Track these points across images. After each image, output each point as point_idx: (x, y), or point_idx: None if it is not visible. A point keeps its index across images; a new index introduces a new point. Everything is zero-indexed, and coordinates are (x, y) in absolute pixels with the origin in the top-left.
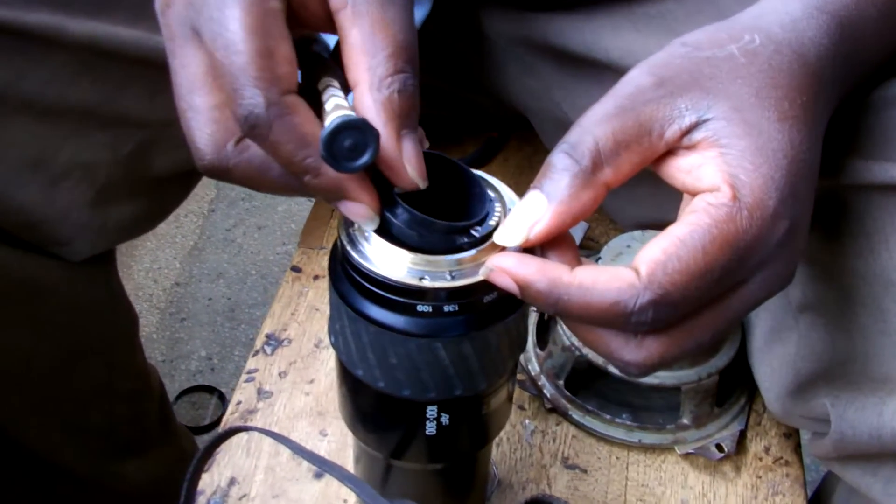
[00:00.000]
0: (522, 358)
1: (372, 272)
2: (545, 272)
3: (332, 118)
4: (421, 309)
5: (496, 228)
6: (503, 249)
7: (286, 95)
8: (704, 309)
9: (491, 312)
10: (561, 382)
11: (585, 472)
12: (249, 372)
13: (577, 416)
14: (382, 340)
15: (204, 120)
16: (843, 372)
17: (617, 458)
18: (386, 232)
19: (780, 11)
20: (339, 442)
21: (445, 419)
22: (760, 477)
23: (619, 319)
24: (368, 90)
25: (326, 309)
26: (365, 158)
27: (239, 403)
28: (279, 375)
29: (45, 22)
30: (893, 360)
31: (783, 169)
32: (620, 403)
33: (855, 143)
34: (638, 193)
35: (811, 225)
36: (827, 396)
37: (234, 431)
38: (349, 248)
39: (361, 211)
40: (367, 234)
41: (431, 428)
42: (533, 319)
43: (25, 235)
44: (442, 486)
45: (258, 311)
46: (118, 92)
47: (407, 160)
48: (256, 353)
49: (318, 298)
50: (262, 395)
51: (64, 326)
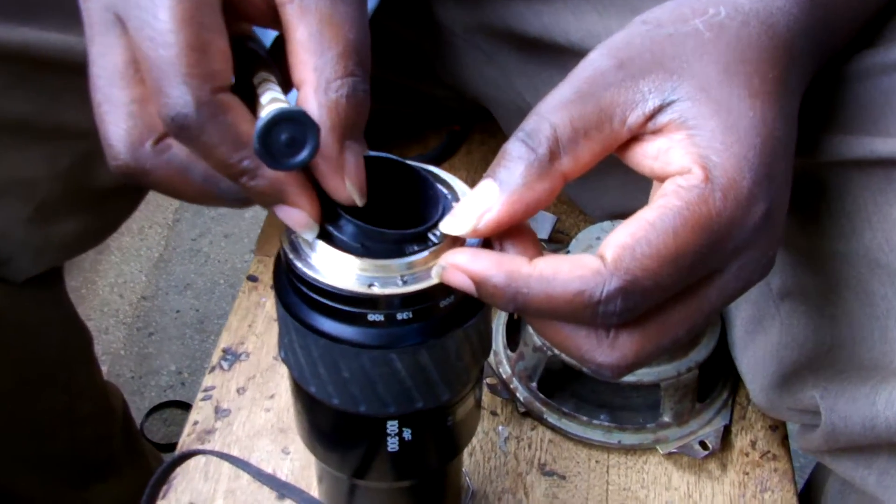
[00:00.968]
0: (493, 360)
1: (317, 281)
2: (501, 265)
3: (267, 110)
4: (372, 318)
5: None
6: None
7: (219, 94)
8: (678, 301)
9: (449, 318)
10: (534, 384)
11: (564, 478)
12: (206, 390)
13: (552, 419)
14: (333, 354)
15: (120, 115)
16: (829, 360)
17: (596, 461)
18: (331, 238)
19: None
20: (302, 460)
21: (408, 434)
22: (748, 473)
23: (585, 311)
24: (314, 92)
25: None
26: (304, 155)
27: (195, 424)
28: (237, 392)
29: None
30: (882, 344)
31: (756, 148)
32: (598, 404)
33: (830, 118)
34: (608, 183)
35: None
36: (815, 388)
37: (187, 456)
38: (292, 256)
39: (300, 218)
40: (311, 240)
41: (393, 444)
42: (502, 320)
43: None
44: (412, 503)
45: None
46: (53, 102)
47: (347, 173)
48: (213, 369)
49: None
50: (219, 413)
51: (12, 351)
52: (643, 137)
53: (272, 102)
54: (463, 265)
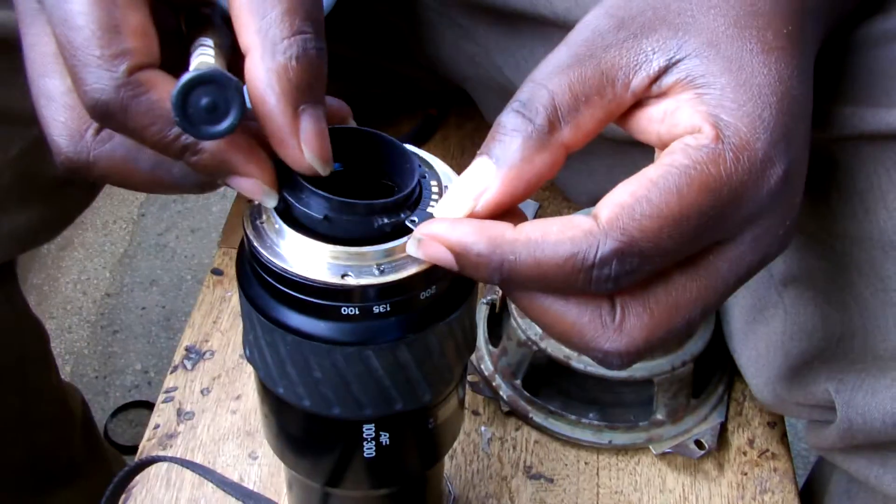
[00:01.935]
0: (474, 356)
1: (285, 271)
2: (484, 231)
3: (186, 76)
4: (346, 312)
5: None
6: None
7: (140, 72)
8: (688, 277)
9: (430, 311)
10: (518, 382)
11: (552, 481)
12: (167, 391)
13: (538, 418)
14: (303, 351)
15: (57, 107)
16: (842, 350)
17: (586, 463)
18: (299, 222)
19: None
20: (271, 465)
21: (386, 438)
22: (746, 474)
23: (577, 276)
24: (260, 58)
25: None
26: (229, 120)
27: (156, 427)
28: (201, 393)
29: None
30: None
31: (772, 107)
32: (586, 401)
33: (839, 88)
34: (593, 165)
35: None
36: (829, 381)
37: (146, 464)
38: (256, 243)
39: (253, 187)
40: (277, 225)
41: (370, 449)
42: (483, 313)
43: None
44: None
45: None
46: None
47: (305, 140)
48: (175, 368)
49: None
50: (182, 416)
51: None
52: (647, 101)
53: (199, 67)
54: (440, 234)
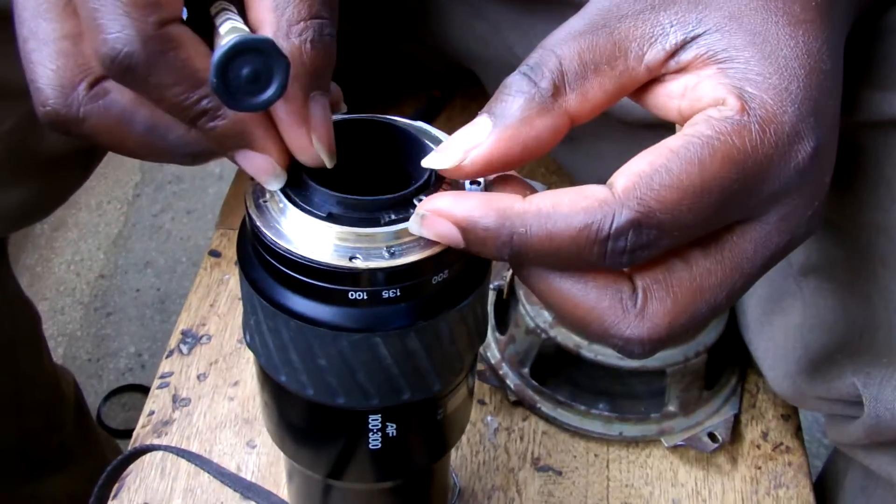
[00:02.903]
0: None
1: (289, 252)
2: (491, 203)
3: (227, 40)
4: (353, 296)
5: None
6: None
7: (168, 26)
8: (711, 259)
9: (442, 296)
10: (526, 371)
11: (560, 473)
12: (163, 376)
13: (546, 408)
14: (308, 338)
15: (49, 53)
16: (866, 344)
17: (595, 455)
18: (304, 202)
19: None
20: (270, 454)
21: (392, 429)
22: (760, 468)
23: (592, 249)
24: (273, 36)
25: None
26: (270, 92)
27: (151, 414)
28: (198, 378)
29: None
30: None
31: (800, 80)
32: (596, 392)
33: (867, 71)
34: (602, 149)
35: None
36: (855, 374)
37: (140, 452)
38: (259, 223)
39: (266, 165)
40: (281, 204)
41: (376, 441)
42: (490, 299)
43: None
44: None
45: None
46: None
47: (314, 129)
48: (171, 353)
49: None
50: (178, 402)
51: None
52: (665, 77)
53: (232, 32)
54: (445, 209)
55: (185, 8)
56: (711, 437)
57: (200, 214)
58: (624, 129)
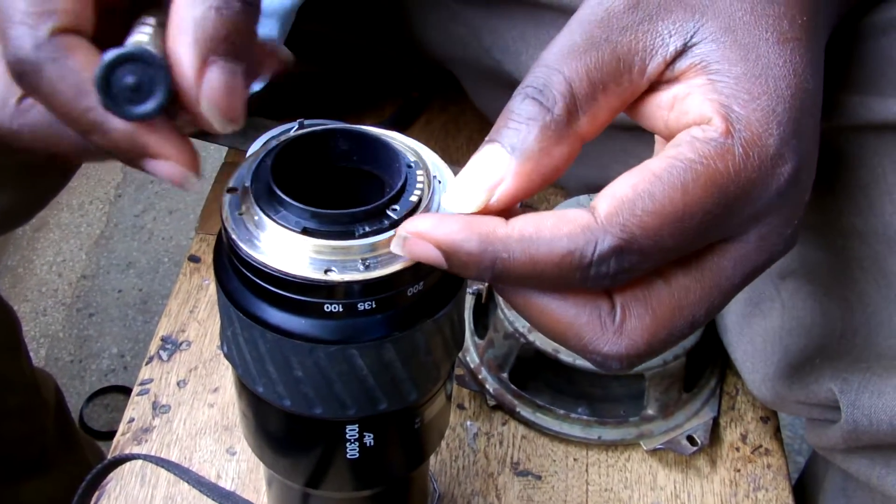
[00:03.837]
0: None
1: (265, 266)
2: (473, 228)
3: (111, 52)
4: (329, 309)
5: (419, 204)
6: None
7: (64, 35)
8: (691, 277)
9: (417, 307)
10: (505, 375)
11: (539, 478)
12: (142, 383)
13: (526, 413)
14: (284, 349)
15: None
16: (844, 348)
17: (575, 459)
18: (279, 215)
19: None
20: (250, 461)
21: (370, 439)
22: (739, 470)
23: (575, 274)
24: (183, 7)
25: None
26: (153, 102)
27: (131, 421)
28: (178, 385)
29: None
30: None
31: (786, 101)
32: (575, 395)
33: (845, 77)
34: (588, 149)
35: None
36: (832, 380)
37: (118, 462)
38: (235, 236)
39: (172, 170)
40: (257, 217)
41: (353, 451)
42: (469, 303)
43: None
44: None
45: None
46: None
47: (205, 92)
48: (150, 359)
49: None
50: (158, 409)
51: None
52: (658, 87)
53: (133, 45)
54: (427, 232)
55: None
56: (690, 440)
57: (182, 214)
58: (606, 130)
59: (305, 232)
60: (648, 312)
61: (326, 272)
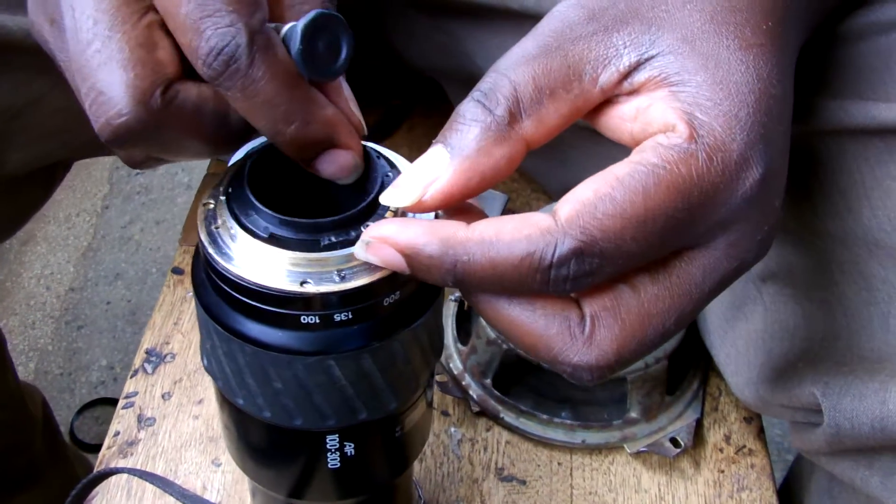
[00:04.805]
0: (442, 355)
1: (241, 279)
2: (435, 232)
3: (301, 23)
4: (306, 320)
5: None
6: None
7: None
8: (660, 285)
9: (395, 317)
10: (488, 381)
11: (524, 483)
12: (128, 396)
13: (509, 418)
14: (262, 362)
15: (125, 62)
16: (826, 352)
17: (559, 463)
18: (253, 225)
19: None
20: (235, 472)
21: (350, 449)
22: (723, 471)
23: (535, 277)
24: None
25: None
26: (344, 54)
27: (116, 435)
28: (162, 398)
29: None
30: (885, 333)
31: (750, 106)
32: (558, 400)
33: (822, 81)
34: (568, 154)
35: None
36: (815, 384)
37: (103, 476)
38: (212, 250)
39: (351, 161)
40: (233, 230)
41: (334, 460)
42: (452, 310)
43: None
44: None
45: None
46: None
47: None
48: (135, 372)
49: None
50: (143, 422)
51: None
52: (618, 99)
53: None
54: (389, 236)
55: None
56: (674, 442)
57: (170, 225)
58: (588, 134)
59: (273, 238)
60: (618, 322)
61: (302, 284)
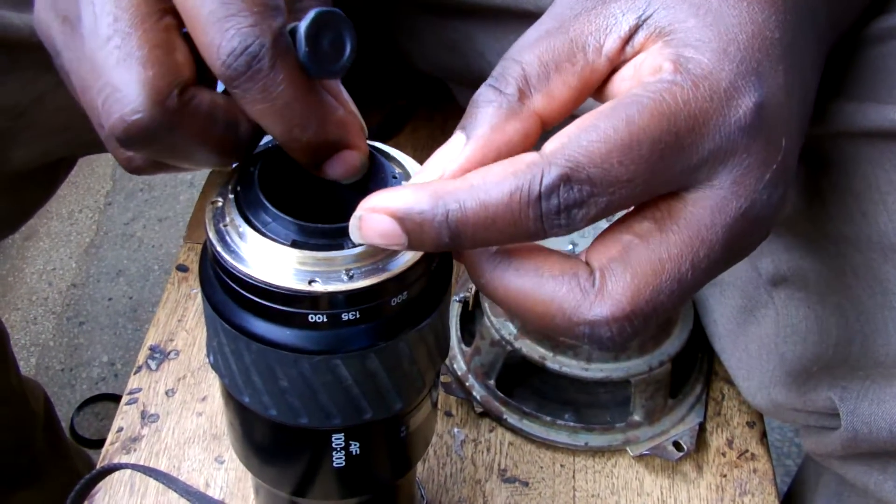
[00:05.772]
0: None
1: (249, 277)
2: (424, 186)
3: (304, 23)
4: (313, 319)
5: None
6: None
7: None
8: (664, 228)
9: (401, 318)
10: (492, 382)
11: (527, 484)
12: (131, 392)
13: (512, 419)
14: (269, 360)
15: (143, 59)
16: (841, 356)
17: (562, 465)
18: (264, 226)
19: None
20: (238, 469)
21: (356, 448)
22: (725, 475)
23: (527, 213)
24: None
25: None
26: (347, 51)
27: (120, 431)
28: (166, 394)
29: None
30: None
31: (740, 42)
32: (562, 402)
33: (838, 83)
34: None
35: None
36: (832, 388)
37: (107, 471)
38: (220, 248)
39: (359, 161)
40: (241, 228)
41: (339, 459)
42: (456, 311)
43: None
44: None
45: None
46: None
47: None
48: (139, 369)
49: None
50: (146, 419)
51: None
52: (622, 64)
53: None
54: (381, 205)
55: None
56: (677, 445)
57: (172, 222)
58: None
59: (281, 237)
60: (628, 270)
61: (310, 283)
